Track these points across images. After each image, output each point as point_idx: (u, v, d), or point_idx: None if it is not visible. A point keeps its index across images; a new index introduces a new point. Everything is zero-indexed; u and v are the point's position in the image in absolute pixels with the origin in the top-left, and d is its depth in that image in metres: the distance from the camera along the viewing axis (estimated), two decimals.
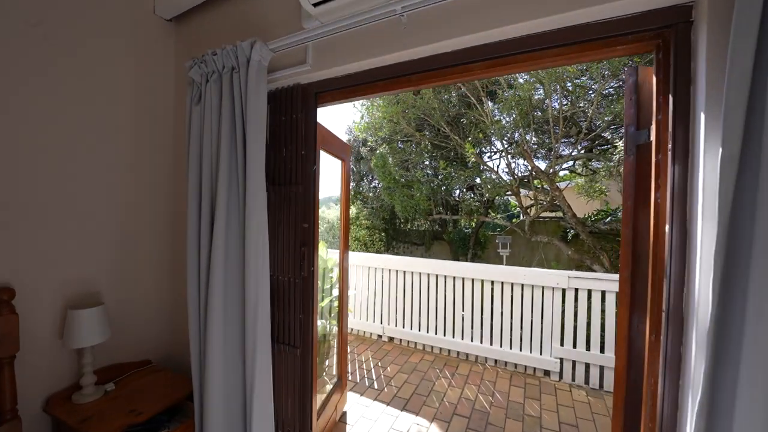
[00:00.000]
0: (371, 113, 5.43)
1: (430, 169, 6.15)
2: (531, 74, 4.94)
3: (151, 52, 2.21)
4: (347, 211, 2.77)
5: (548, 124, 6.72)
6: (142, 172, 2.19)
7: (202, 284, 1.71)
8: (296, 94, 1.75)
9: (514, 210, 16.46)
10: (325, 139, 2.25)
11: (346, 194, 2.71)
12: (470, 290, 3.72)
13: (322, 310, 2.83)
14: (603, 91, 6.04)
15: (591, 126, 6.80)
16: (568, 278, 3.30)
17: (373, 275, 4.22)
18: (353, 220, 6.64)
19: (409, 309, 4.02)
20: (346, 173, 2.70)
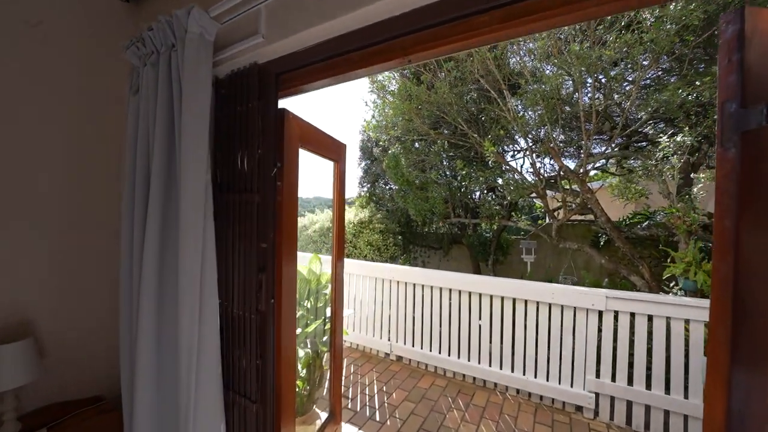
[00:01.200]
0: (382, 111, 5.00)
1: (447, 169, 5.65)
2: (559, 63, 4.36)
3: (103, 36, 1.87)
4: (341, 217, 2.36)
5: (577, 120, 6.08)
6: (89, 176, 1.84)
7: (134, 319, 1.33)
8: (252, 76, 1.34)
9: (539, 211, 15.63)
10: (307, 136, 1.84)
11: (339, 199, 2.30)
12: (489, 307, 3.21)
13: (310, 334, 2.43)
14: (642, 81, 5.36)
15: (627, 121, 6.10)
16: (605, 299, 2.75)
17: (380, 287, 3.79)
18: (366, 224, 6.26)
19: (419, 326, 3.56)
20: (339, 176, 2.28)
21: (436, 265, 8.52)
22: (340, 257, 2.37)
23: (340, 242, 2.35)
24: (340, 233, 2.35)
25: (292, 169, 1.67)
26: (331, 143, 2.18)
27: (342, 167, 2.33)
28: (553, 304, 2.94)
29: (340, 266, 2.38)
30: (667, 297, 2.61)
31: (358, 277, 3.93)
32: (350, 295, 3.99)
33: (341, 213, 2.34)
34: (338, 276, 2.36)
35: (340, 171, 2.29)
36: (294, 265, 1.65)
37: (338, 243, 2.33)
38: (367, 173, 7.39)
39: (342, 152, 2.32)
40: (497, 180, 5.60)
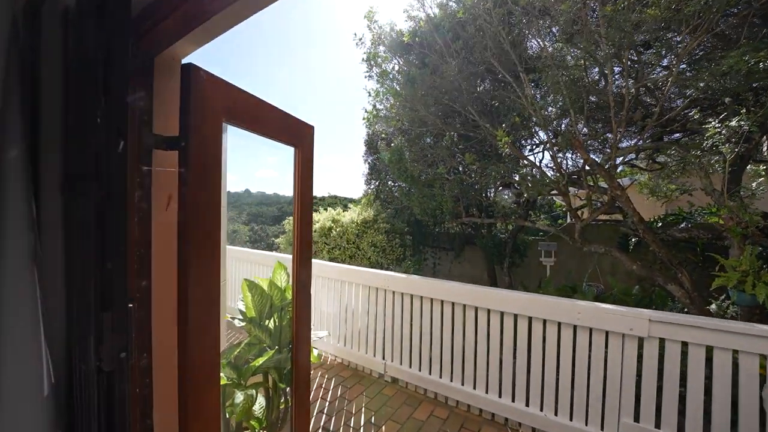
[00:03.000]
0: (383, 100, 4.44)
1: (458, 164, 5.06)
2: (585, 43, 3.69)
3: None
4: (306, 214, 1.85)
5: (602, 110, 5.37)
6: None
7: None
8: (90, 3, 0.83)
9: (559, 211, 14.72)
10: (240, 108, 1.33)
11: (301, 192, 1.78)
12: (499, 325, 2.63)
13: (264, 365, 1.92)
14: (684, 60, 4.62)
15: (661, 109, 5.34)
16: (648, 322, 2.12)
17: (374, 297, 3.26)
18: (370, 224, 5.75)
19: (418, 344, 3.01)
20: (301, 164, 1.77)
21: (447, 267, 7.92)
22: (305, 263, 1.86)
23: (304, 244, 1.85)
24: (304, 233, 1.84)
25: (210, 150, 1.17)
26: (286, 123, 1.67)
27: (307, 154, 1.82)
28: (579, 326, 2.34)
29: (305, 273, 1.87)
30: (735, 324, 1.96)
31: (350, 285, 3.41)
32: (341, 305, 3.48)
33: (305, 209, 1.83)
34: (302, 286, 1.85)
35: (303, 158, 1.77)
36: (213, 288, 1.16)
37: (301, 245, 1.82)
38: (373, 170, 6.86)
39: (305, 135, 1.80)
40: (513, 175, 4.96)
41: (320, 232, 5.78)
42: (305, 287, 1.89)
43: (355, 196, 9.06)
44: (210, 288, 1.15)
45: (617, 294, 5.09)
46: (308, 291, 1.91)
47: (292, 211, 1.85)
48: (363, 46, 4.53)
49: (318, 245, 5.73)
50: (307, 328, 1.91)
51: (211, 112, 1.16)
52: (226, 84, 1.25)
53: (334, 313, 3.53)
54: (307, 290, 1.88)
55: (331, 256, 5.63)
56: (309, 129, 1.84)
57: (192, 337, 1.09)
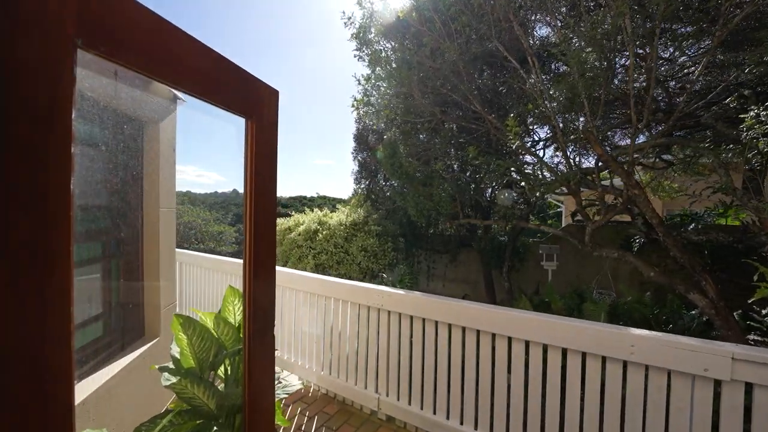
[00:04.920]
0: (375, 85, 3.82)
1: (455, 160, 4.50)
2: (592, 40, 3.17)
3: None
4: (264, 213, 1.23)
5: (616, 102, 4.90)
6: None
7: None
8: None
9: (552, 210, 14.32)
10: (121, 25, 0.71)
11: (252, 179, 1.16)
12: (523, 356, 2.06)
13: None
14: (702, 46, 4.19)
15: (672, 104, 4.89)
16: (731, 361, 1.57)
17: (365, 316, 2.65)
18: (360, 226, 5.15)
19: (419, 374, 2.41)
20: (257, 141, 1.15)
21: (442, 271, 7.36)
22: (262, 273, 1.24)
23: (261, 249, 1.23)
24: (262, 240, 1.22)
25: (41, 90, 0.55)
26: (227, 76, 1.05)
27: (266, 129, 1.20)
28: (630, 362, 1.77)
29: (265, 294, 1.26)
30: None
31: (338, 302, 2.79)
32: (326, 325, 2.86)
33: (264, 205, 1.21)
34: (261, 316, 1.24)
35: (259, 134, 1.15)
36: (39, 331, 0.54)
37: (254, 250, 1.20)
38: (363, 167, 6.25)
39: (263, 102, 1.18)
40: (520, 170, 4.42)
41: (305, 235, 5.14)
42: (266, 316, 1.26)
43: (344, 196, 8.42)
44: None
45: (631, 303, 4.60)
46: (269, 321, 1.29)
47: (244, 202, 1.22)
48: (353, 27, 3.92)
49: (302, 250, 5.09)
50: (267, 383, 1.29)
51: (32, 15, 0.54)
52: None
53: (318, 334, 2.90)
54: (267, 320, 1.26)
55: (317, 262, 5.01)
56: (269, 93, 1.22)
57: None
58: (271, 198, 1.26)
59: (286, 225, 5.49)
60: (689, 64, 4.03)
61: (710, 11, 3.47)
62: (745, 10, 2.81)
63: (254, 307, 1.24)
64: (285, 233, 5.35)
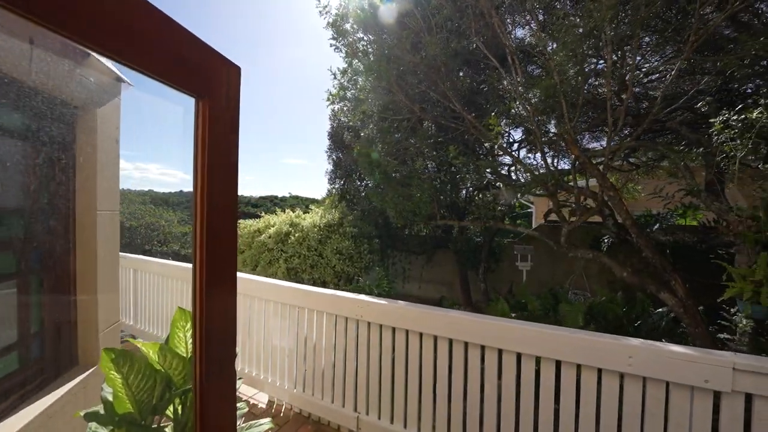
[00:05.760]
0: (352, 79, 3.58)
1: (434, 160, 4.35)
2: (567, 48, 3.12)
3: None
4: (212, 213, 0.98)
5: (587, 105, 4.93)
6: None
7: None
8: None
9: (520, 211, 14.68)
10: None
11: (204, 171, 0.90)
12: (515, 370, 1.91)
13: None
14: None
15: (639, 108, 5.01)
16: (732, 372, 1.49)
17: (343, 327, 2.41)
18: (335, 228, 4.88)
19: (402, 390, 2.21)
20: (207, 125, 0.89)
21: (418, 272, 7.23)
22: (219, 287, 0.99)
23: (216, 257, 0.97)
24: (215, 238, 0.96)
25: None
26: (170, 40, 0.79)
27: (224, 112, 0.94)
28: (627, 374, 1.66)
29: (222, 306, 1.00)
30: None
31: (312, 313, 2.53)
32: (299, 338, 2.59)
33: (216, 199, 0.96)
34: (214, 332, 0.98)
35: (209, 117, 0.90)
36: None
37: (207, 259, 0.94)
38: (338, 167, 5.98)
39: (221, 80, 0.93)
40: (496, 171, 4.35)
41: (276, 237, 4.81)
42: (224, 343, 1.01)
43: (318, 196, 8.09)
44: None
45: (605, 303, 4.65)
46: (229, 348, 1.03)
47: (193, 200, 0.96)
48: (329, 16, 3.66)
49: (273, 253, 4.75)
50: (228, 428, 1.04)
51: None
52: None
53: (291, 348, 2.63)
54: (225, 348, 1.01)
55: (289, 266, 4.69)
56: (228, 69, 0.96)
57: None
58: (231, 194, 1.01)
59: (255, 227, 5.12)
60: (662, 69, 4.11)
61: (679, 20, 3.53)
62: (714, 21, 2.83)
63: (208, 331, 0.98)
64: (254, 235, 4.97)
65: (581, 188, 4.16)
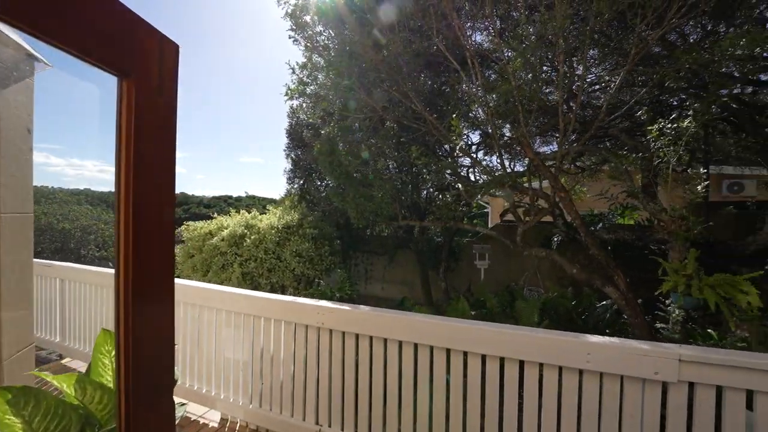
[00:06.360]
0: (311, 74, 3.41)
1: (395, 160, 4.32)
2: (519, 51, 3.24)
3: None
4: (141, 213, 0.82)
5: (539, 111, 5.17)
6: None
7: None
8: None
9: (476, 210, 15.21)
10: None
11: (130, 166, 0.75)
12: (480, 372, 1.89)
13: None
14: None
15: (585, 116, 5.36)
16: (678, 363, 1.57)
17: (302, 336, 2.26)
18: (294, 230, 4.67)
19: (366, 399, 2.11)
20: (133, 109, 0.74)
21: (380, 273, 7.17)
22: (150, 300, 0.83)
23: (147, 266, 0.81)
24: (144, 242, 0.81)
25: None
26: (86, 6, 0.63)
27: (161, 95, 0.79)
28: (586, 370, 1.71)
29: (156, 323, 0.85)
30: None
31: (269, 322, 2.35)
32: (255, 350, 2.40)
33: (146, 197, 0.80)
34: (144, 355, 0.82)
35: (136, 100, 0.74)
36: None
37: (134, 268, 0.79)
38: (297, 166, 5.74)
39: (148, 56, 0.77)
40: (456, 172, 4.40)
41: (230, 240, 4.49)
42: (158, 367, 0.85)
43: (276, 196, 7.73)
44: None
45: (556, 298, 4.90)
46: (164, 374, 0.87)
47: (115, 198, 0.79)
48: (287, 5, 3.46)
49: (227, 257, 4.43)
50: None
51: None
52: None
53: (245, 361, 2.43)
54: (160, 374, 0.85)
55: (244, 271, 4.39)
56: (162, 46, 0.81)
57: None
58: (165, 191, 0.85)
59: (206, 229, 4.74)
60: (606, 80, 4.39)
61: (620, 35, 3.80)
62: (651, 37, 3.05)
63: (136, 356, 0.81)
64: (205, 238, 4.60)
65: (535, 189, 4.34)
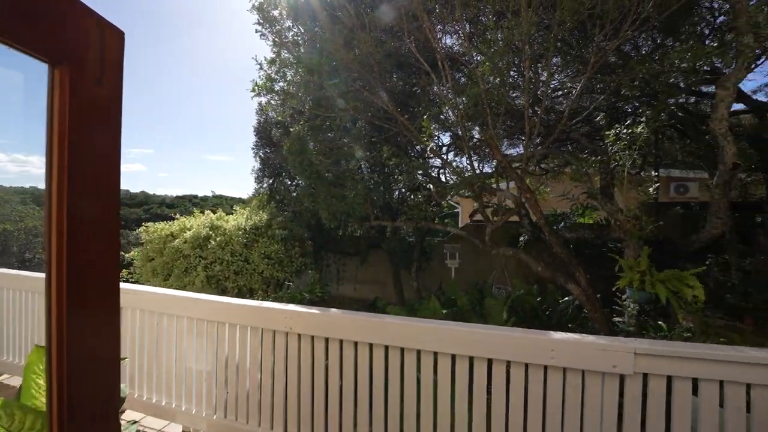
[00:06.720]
0: (280, 71, 3.30)
1: (367, 160, 4.28)
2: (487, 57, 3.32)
3: None
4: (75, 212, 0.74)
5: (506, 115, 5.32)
6: None
7: None
8: None
9: (447, 210, 15.46)
10: None
11: (62, 164, 0.67)
12: (449, 372, 1.90)
13: None
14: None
15: (549, 120, 5.58)
16: (633, 356, 1.65)
17: (270, 342, 2.18)
18: (263, 231, 4.50)
19: (337, 406, 2.07)
20: (69, 102, 0.66)
21: (353, 273, 7.11)
22: (91, 304, 0.75)
23: (88, 271, 0.73)
24: (81, 237, 0.73)
25: None
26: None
27: (101, 85, 0.71)
28: (550, 366, 1.76)
29: (98, 336, 0.76)
30: (723, 350, 1.62)
31: (233, 328, 2.25)
32: (219, 358, 2.28)
33: (75, 193, 0.72)
34: (81, 376, 0.74)
35: (70, 89, 0.66)
36: None
37: (69, 275, 0.70)
38: (267, 165, 5.56)
39: (84, 40, 0.69)
40: (427, 173, 4.44)
41: (193, 242, 4.26)
42: (101, 388, 0.77)
43: (245, 196, 7.42)
44: None
45: (523, 295, 5.06)
46: (108, 395, 0.79)
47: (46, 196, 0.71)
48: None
49: (190, 260, 4.20)
50: None
51: None
52: None
53: (209, 370, 2.30)
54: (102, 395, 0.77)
55: (209, 274, 4.18)
56: (101, 29, 0.73)
57: None
58: (109, 189, 0.77)
59: (167, 230, 4.46)
60: (568, 86, 4.58)
61: (581, 44, 3.98)
62: (609, 47, 3.22)
63: (72, 375, 0.73)
64: (166, 240, 4.33)
65: (503, 190, 4.46)
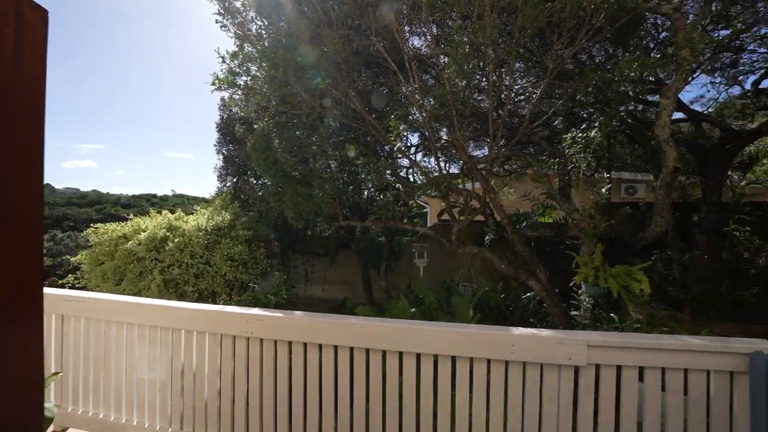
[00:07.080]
0: (240, 61, 3.14)
1: (335, 159, 4.22)
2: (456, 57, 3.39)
3: None
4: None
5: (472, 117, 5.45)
6: None
7: None
8: None
9: (415, 210, 15.63)
10: None
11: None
12: (415, 371, 1.91)
13: None
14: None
15: (512, 123, 5.79)
16: (587, 348, 1.74)
17: (230, 348, 2.08)
18: (225, 232, 4.30)
19: (301, 410, 2.01)
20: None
21: (321, 274, 7.00)
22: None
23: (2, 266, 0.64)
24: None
25: None
26: None
27: (18, 75, 0.63)
28: (511, 361, 1.81)
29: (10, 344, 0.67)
30: (664, 339, 1.75)
31: (190, 335, 2.12)
32: (175, 367, 2.15)
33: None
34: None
35: None
36: None
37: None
38: (230, 163, 5.33)
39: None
40: (395, 173, 4.45)
41: (149, 244, 3.99)
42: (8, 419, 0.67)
43: (208, 195, 7.09)
44: None
45: (488, 292, 5.21)
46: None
47: None
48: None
49: (145, 263, 3.93)
50: None
51: None
52: None
53: (163, 380, 2.16)
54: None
55: (166, 278, 3.93)
56: (17, 6, 0.64)
57: None
58: (29, 184, 0.68)
59: (119, 232, 4.13)
60: (529, 90, 4.76)
61: (541, 51, 4.16)
62: (566, 54, 3.39)
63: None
64: (118, 243, 4.01)
65: (468, 191, 4.57)
